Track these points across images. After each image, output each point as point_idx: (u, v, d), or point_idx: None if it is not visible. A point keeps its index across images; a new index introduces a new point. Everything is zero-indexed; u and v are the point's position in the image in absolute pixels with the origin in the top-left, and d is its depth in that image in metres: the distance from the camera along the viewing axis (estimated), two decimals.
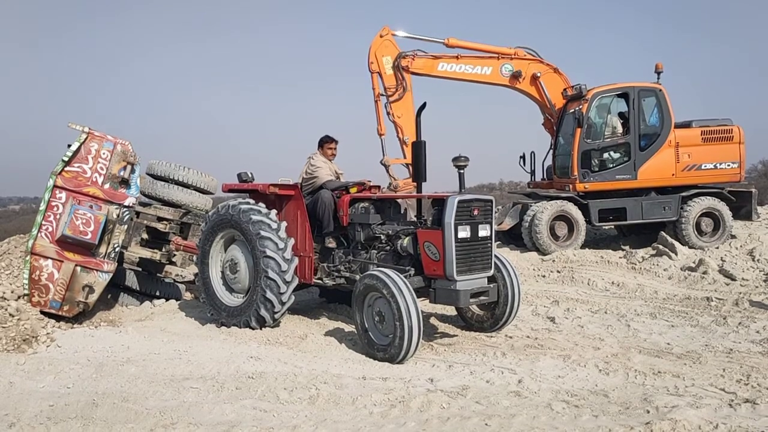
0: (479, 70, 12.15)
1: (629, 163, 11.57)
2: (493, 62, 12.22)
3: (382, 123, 11.54)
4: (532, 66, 12.41)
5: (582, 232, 11.55)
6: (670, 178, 11.69)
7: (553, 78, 12.58)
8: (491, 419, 4.02)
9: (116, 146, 7.25)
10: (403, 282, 5.50)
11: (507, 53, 12.32)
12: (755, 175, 37.27)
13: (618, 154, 11.69)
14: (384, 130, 11.51)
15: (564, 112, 12.42)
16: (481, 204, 6.03)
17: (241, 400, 4.45)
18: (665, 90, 11.63)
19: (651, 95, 11.69)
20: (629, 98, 11.58)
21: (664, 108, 11.59)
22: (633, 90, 11.61)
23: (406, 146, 11.38)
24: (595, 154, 11.62)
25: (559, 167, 12.43)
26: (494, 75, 12.23)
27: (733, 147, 11.77)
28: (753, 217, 12.00)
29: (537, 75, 12.39)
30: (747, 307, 7.49)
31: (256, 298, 6.52)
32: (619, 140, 11.64)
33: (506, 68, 12.26)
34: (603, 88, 11.71)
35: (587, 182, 11.55)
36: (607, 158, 11.71)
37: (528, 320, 7.21)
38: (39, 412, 4.24)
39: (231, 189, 7.48)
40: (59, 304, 6.92)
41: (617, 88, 11.71)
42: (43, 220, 6.91)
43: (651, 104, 11.73)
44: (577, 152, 11.51)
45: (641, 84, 11.71)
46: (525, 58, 12.41)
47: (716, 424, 3.85)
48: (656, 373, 5.03)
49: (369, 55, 11.60)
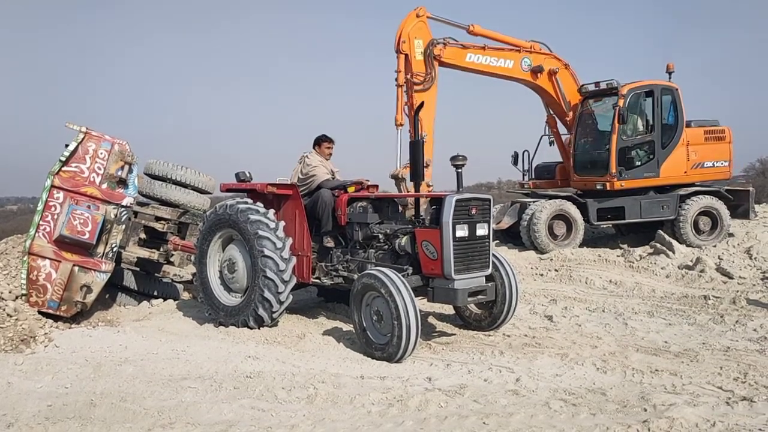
0: (502, 63, 11.79)
1: (654, 160, 11.59)
2: (515, 55, 11.94)
3: (401, 112, 10.59)
4: (548, 61, 12.23)
5: (580, 231, 11.56)
6: (683, 175, 11.79)
7: (565, 74, 12.49)
8: (489, 418, 4.02)
9: (114, 146, 7.24)
10: (401, 281, 5.51)
11: (524, 46, 12.10)
12: (753, 173, 37.32)
13: (643, 152, 11.72)
14: (402, 120, 10.56)
15: (583, 109, 12.37)
16: (479, 203, 6.03)
17: (239, 399, 4.46)
18: (680, 89, 11.71)
19: (669, 94, 11.76)
20: (654, 96, 11.61)
21: (678, 107, 11.68)
22: (657, 87, 11.66)
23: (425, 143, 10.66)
24: (628, 152, 11.60)
25: (579, 164, 12.25)
26: (516, 69, 11.98)
27: (724, 146, 11.98)
28: (750, 215, 12.05)
29: (555, 71, 12.20)
30: (744, 306, 7.51)
31: (254, 298, 6.52)
32: (647, 137, 11.64)
33: (525, 62, 12.02)
34: (634, 84, 11.67)
35: (624, 180, 11.46)
36: (634, 156, 11.71)
37: (526, 319, 7.22)
38: (37, 412, 4.25)
39: (229, 189, 7.48)
40: (57, 304, 6.92)
41: (645, 86, 11.69)
42: (40, 220, 6.91)
43: (668, 102, 11.79)
44: (614, 149, 11.39)
45: (662, 82, 11.77)
46: (541, 52, 12.22)
47: (713, 422, 3.86)
48: (654, 372, 5.04)
49: (399, 34, 10.72)
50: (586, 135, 12.41)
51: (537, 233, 11.22)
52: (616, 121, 11.28)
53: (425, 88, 10.81)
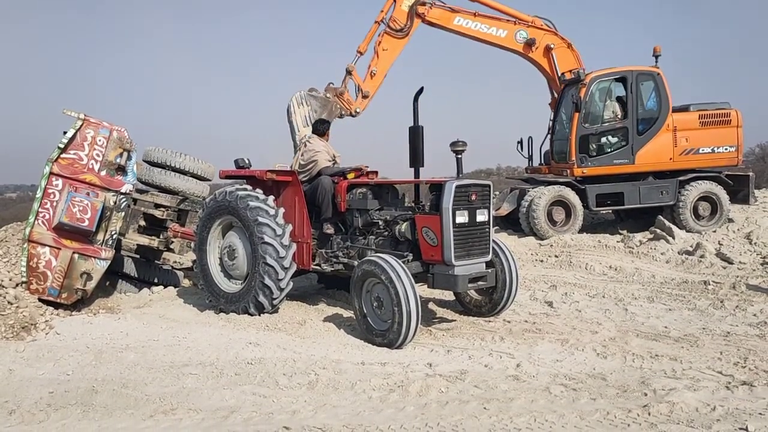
0: (494, 31, 11.94)
1: (627, 147, 11.54)
2: (510, 26, 12.04)
3: (367, 42, 11.31)
4: (547, 37, 12.23)
5: (579, 217, 11.55)
6: (668, 162, 11.67)
7: (565, 53, 12.43)
8: (490, 403, 4.04)
9: (112, 133, 7.21)
10: (402, 267, 5.50)
11: (524, 19, 12.14)
12: (753, 158, 37.29)
13: (616, 139, 11.64)
14: (365, 49, 11.29)
15: (562, 97, 12.38)
16: (479, 189, 6.02)
17: (240, 385, 4.47)
18: (663, 73, 11.60)
19: (649, 79, 11.64)
20: (627, 82, 11.53)
21: (662, 92, 11.55)
22: (631, 74, 11.56)
23: (371, 77, 11.26)
24: (593, 139, 11.56)
25: (556, 152, 12.38)
26: (509, 39, 12.04)
27: (731, 131, 11.75)
28: (750, 201, 12.01)
29: (551, 47, 12.21)
30: (744, 291, 7.51)
31: (255, 285, 6.52)
32: (617, 124, 11.59)
33: (521, 34, 12.06)
34: (601, 72, 11.64)
35: (585, 167, 11.52)
36: (605, 143, 11.66)
37: (526, 305, 7.23)
38: (39, 398, 4.26)
39: (228, 175, 7.47)
40: (57, 291, 6.92)
41: (615, 72, 11.63)
42: (40, 207, 6.90)
43: (649, 88, 11.68)
44: (575, 137, 11.48)
45: (639, 68, 11.65)
46: (541, 27, 12.23)
47: (714, 406, 3.87)
48: (654, 357, 5.05)
49: None
50: (561, 123, 12.41)
51: (536, 219, 11.22)
52: (574, 110, 11.37)
53: (399, 36, 11.32)
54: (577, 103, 11.34)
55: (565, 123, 12.14)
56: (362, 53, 11.30)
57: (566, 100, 12.16)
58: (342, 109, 11.09)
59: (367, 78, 11.28)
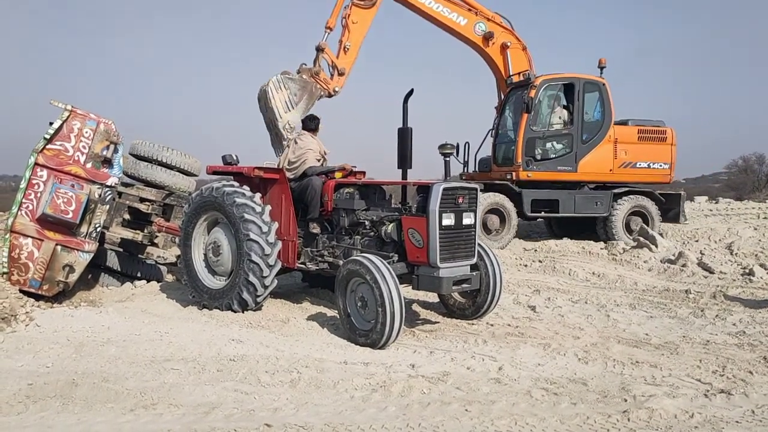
0: (455, 17, 12.02)
1: (571, 154, 11.57)
2: (471, 16, 12.15)
3: (335, 17, 11.25)
4: (505, 35, 12.35)
5: (514, 224, 11.43)
6: (607, 173, 11.75)
7: (520, 55, 12.52)
8: (471, 405, 4.06)
9: (99, 125, 7.16)
10: (387, 268, 5.51)
11: (486, 13, 12.26)
12: (735, 170, 37.75)
13: (561, 145, 11.66)
14: (334, 24, 11.25)
15: (507, 100, 12.37)
16: (467, 192, 6.04)
17: (222, 382, 4.45)
18: (608, 84, 11.68)
19: (595, 89, 11.71)
20: (574, 89, 11.58)
21: (606, 102, 11.63)
22: (578, 81, 11.62)
23: (344, 52, 11.23)
24: (539, 143, 11.52)
25: (501, 156, 12.29)
26: (468, 28, 12.12)
27: (665, 148, 11.92)
28: (680, 219, 12.13)
29: (507, 44, 12.29)
30: (724, 300, 7.61)
31: (239, 281, 6.50)
32: (564, 130, 11.60)
33: (480, 27, 12.17)
34: (551, 76, 11.67)
35: (530, 170, 11.46)
36: (550, 148, 11.66)
37: (509, 309, 7.26)
38: (18, 390, 4.21)
39: (215, 171, 7.43)
40: (39, 283, 6.85)
41: (564, 78, 11.68)
42: (23, 198, 6.82)
43: (594, 98, 11.74)
44: (522, 139, 11.40)
45: (586, 76, 11.72)
46: (501, 24, 12.35)
47: (692, 413, 3.92)
48: (634, 363, 5.10)
49: None
50: (505, 126, 12.41)
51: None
52: (523, 111, 11.33)
53: (366, 6, 11.32)
54: (528, 104, 11.25)
55: (511, 126, 12.10)
56: (331, 29, 11.26)
57: (512, 103, 12.15)
58: (321, 89, 10.97)
59: (340, 54, 11.22)
